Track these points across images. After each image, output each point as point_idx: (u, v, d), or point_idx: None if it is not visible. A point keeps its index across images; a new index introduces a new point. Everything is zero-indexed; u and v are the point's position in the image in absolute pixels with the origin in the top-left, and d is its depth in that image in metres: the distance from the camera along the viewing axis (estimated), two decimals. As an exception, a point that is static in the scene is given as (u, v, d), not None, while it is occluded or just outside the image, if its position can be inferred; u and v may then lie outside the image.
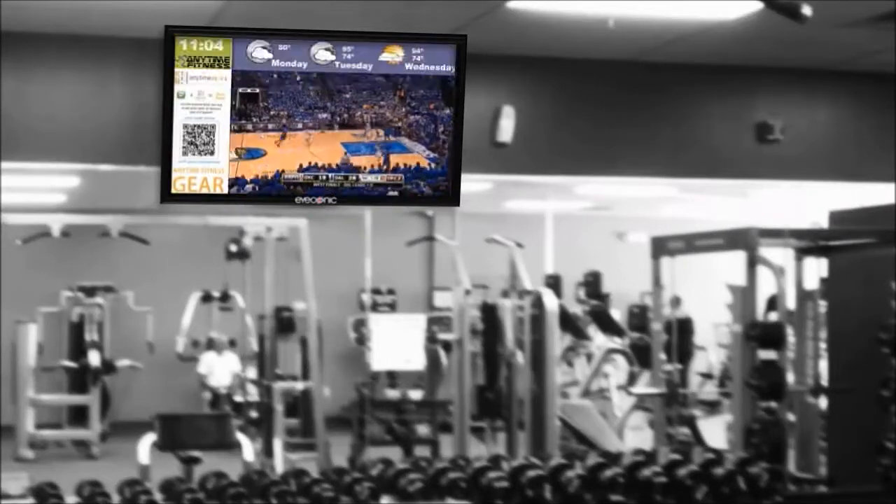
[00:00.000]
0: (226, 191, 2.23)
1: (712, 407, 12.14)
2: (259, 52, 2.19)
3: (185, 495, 5.64)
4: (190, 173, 2.21)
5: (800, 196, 11.74)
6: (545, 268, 13.21)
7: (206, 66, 2.17)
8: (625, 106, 8.79)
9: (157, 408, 8.71)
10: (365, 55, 2.23)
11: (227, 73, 2.18)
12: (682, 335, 10.75)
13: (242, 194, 2.24)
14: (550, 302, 8.31)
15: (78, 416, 12.98)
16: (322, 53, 2.21)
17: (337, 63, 2.22)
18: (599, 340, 11.80)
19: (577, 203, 14.19)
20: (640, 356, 10.67)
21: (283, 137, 2.23)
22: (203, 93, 2.18)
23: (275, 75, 2.20)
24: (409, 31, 2.25)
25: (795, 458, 7.75)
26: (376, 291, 14.19)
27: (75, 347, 13.17)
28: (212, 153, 2.21)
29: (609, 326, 11.86)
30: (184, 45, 2.16)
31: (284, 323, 11.85)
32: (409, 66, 2.25)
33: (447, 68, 2.26)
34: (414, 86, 2.26)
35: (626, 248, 15.53)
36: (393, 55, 2.24)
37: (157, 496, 5.70)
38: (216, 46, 2.17)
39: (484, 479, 5.84)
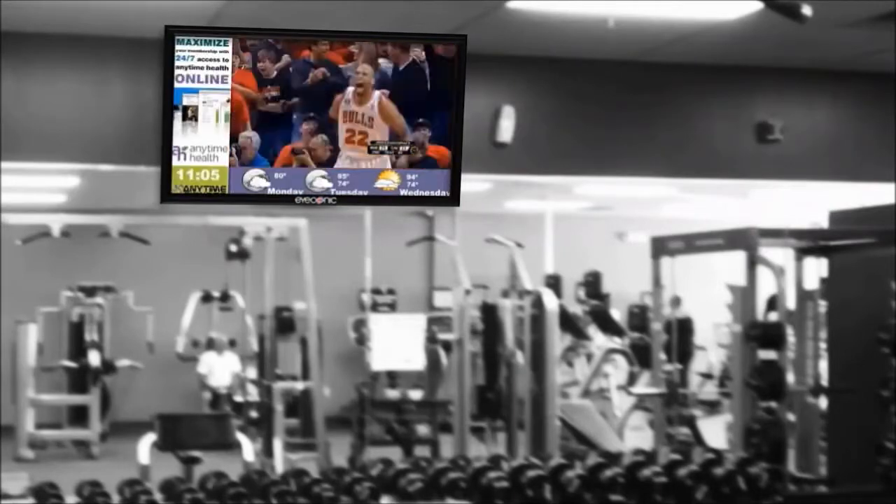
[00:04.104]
0: (226, 191, 2.23)
1: (712, 407, 12.12)
2: (259, 51, 2.19)
3: (185, 495, 5.64)
4: (190, 173, 2.21)
5: (800, 196, 11.74)
6: (545, 268, 13.20)
7: (206, 66, 2.17)
8: (625, 106, 8.79)
9: (157, 408, 8.70)
10: (365, 56, 2.23)
11: (228, 73, 2.18)
12: (682, 335, 10.73)
13: (242, 194, 2.24)
14: (550, 302, 8.31)
15: (78, 416, 12.96)
16: (321, 53, 2.21)
17: (337, 64, 2.22)
18: (599, 340, 11.79)
19: (577, 203, 14.18)
20: (640, 356, 10.66)
21: (284, 136, 2.23)
22: (203, 92, 2.18)
23: (275, 76, 2.20)
24: (409, 31, 2.25)
25: (795, 458, 7.75)
26: (376, 291, 14.17)
27: (75, 347, 13.16)
28: (212, 152, 2.21)
29: (609, 326, 11.86)
30: (184, 45, 2.16)
31: (284, 323, 11.83)
32: (409, 66, 2.25)
33: (447, 70, 2.26)
34: (413, 86, 2.26)
35: (626, 248, 15.51)
36: (393, 56, 2.24)
37: (157, 496, 5.70)
38: (216, 46, 2.17)
39: (484, 479, 5.84)
